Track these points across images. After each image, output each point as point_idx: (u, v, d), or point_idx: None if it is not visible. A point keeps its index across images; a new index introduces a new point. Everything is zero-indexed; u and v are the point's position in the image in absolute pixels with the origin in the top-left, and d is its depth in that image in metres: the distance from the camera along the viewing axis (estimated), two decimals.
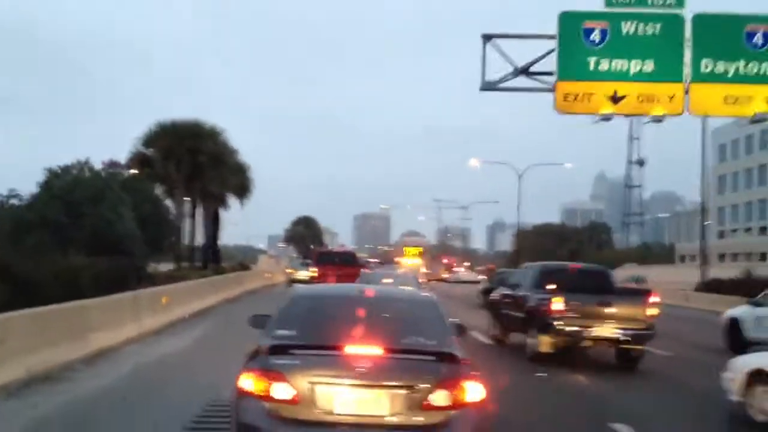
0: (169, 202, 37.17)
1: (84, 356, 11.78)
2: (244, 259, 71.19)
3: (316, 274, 31.83)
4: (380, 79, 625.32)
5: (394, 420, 5.29)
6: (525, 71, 23.78)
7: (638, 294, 15.22)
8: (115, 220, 20.95)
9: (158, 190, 36.98)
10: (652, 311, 13.64)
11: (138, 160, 35.78)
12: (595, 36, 22.35)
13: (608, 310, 13.38)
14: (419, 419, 5.29)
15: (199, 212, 42.16)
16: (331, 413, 5.27)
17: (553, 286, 13.76)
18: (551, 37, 22.59)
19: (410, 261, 68.77)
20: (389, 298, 7.23)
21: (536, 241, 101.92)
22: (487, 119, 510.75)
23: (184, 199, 38.39)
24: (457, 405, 5.35)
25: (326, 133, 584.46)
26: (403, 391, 5.30)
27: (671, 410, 10.35)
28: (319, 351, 5.58)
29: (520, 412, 8.91)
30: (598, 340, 13.47)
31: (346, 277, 25.10)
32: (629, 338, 13.28)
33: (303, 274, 40.22)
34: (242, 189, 43.75)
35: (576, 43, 22.35)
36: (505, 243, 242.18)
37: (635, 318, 13.42)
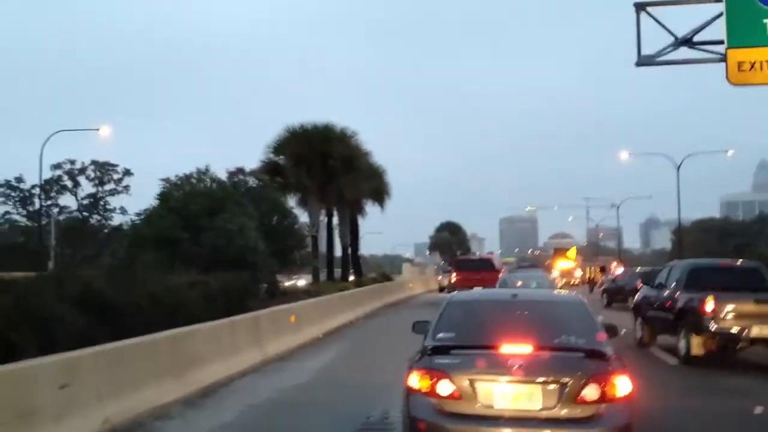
0: (303, 212, 35.61)
1: (182, 398, 9.57)
2: (389, 269, 69.38)
3: (454, 280, 33.55)
4: (518, 62, 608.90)
5: (549, 413, 5.58)
6: (688, 41, 20.88)
7: None
8: (235, 233, 19.11)
9: (292, 200, 35.53)
10: None
11: (269, 168, 34.36)
12: None
13: (766, 309, 12.64)
14: (572, 412, 5.58)
15: (336, 221, 40.42)
16: (491, 407, 5.65)
17: (703, 285, 13.47)
18: (717, 0, 19.58)
19: (563, 264, 64.17)
20: (538, 300, 7.63)
21: (697, 238, 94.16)
22: (634, 104, 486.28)
23: (320, 207, 36.63)
24: (607, 399, 5.63)
25: (464, 131, 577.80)
26: (556, 386, 5.62)
27: None
28: (477, 351, 5.99)
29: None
30: (757, 341, 12.69)
31: (483, 282, 25.99)
32: None
33: (445, 281, 43.09)
34: (378, 194, 41.40)
35: (748, 5, 19.47)
36: (661, 241, 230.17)
37: None
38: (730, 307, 12.71)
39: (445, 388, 5.73)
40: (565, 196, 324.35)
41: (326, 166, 34.41)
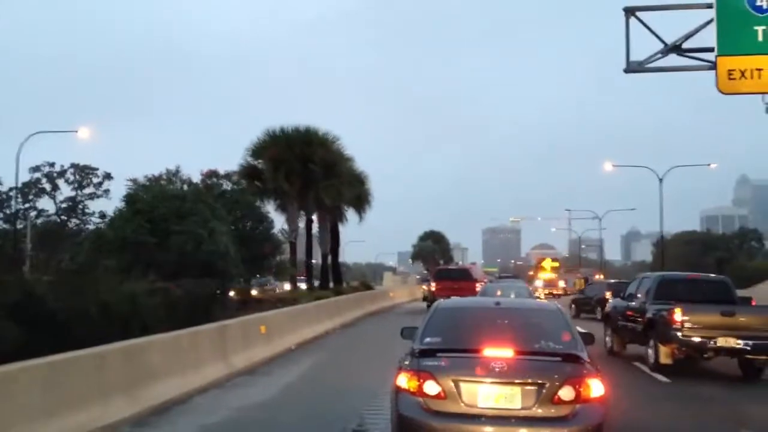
0: (282, 218, 34.68)
1: (131, 417, 8.67)
2: (371, 278, 68.53)
3: (434, 289, 34.50)
4: (505, 73, 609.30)
5: (528, 412, 6.03)
6: (677, 48, 20.86)
7: (760, 306, 15.20)
8: (204, 237, 18.11)
9: (271, 205, 34.53)
10: None
11: (247, 172, 33.37)
12: (763, 2, 19.15)
13: (732, 321, 13.09)
14: (549, 412, 6.03)
15: (315, 228, 39.47)
16: (474, 407, 6.09)
17: (671, 296, 14.05)
18: (707, 6, 19.56)
19: (545, 275, 64.87)
20: (519, 308, 8.19)
21: (678, 250, 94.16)
22: (620, 117, 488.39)
23: (300, 213, 35.64)
24: (581, 399, 6.08)
25: (450, 141, 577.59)
26: (535, 388, 6.08)
27: None
28: (462, 354, 6.48)
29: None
30: (722, 351, 13.10)
31: (461, 291, 27.90)
32: (755, 349, 12.86)
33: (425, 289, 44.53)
34: (359, 201, 40.50)
35: (739, 12, 19.24)
36: (641, 253, 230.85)
37: (761, 328, 12.99)
38: (697, 318, 13.18)
39: (431, 388, 6.14)
40: (549, 208, 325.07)
41: (306, 171, 33.37)
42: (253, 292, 25.56)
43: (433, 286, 35.66)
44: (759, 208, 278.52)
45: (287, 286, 38.97)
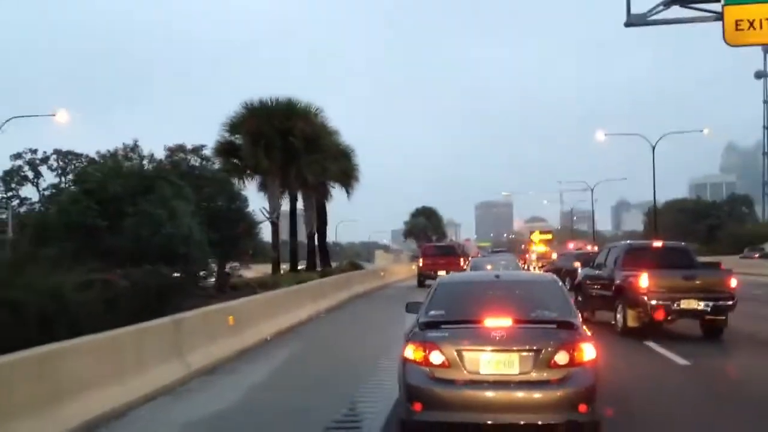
0: (263, 196, 32.82)
1: None
2: (363, 258, 66.99)
3: (421, 265, 36.94)
4: (498, 49, 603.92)
5: (526, 377, 6.41)
6: None
7: (719, 268, 16.00)
8: (164, 219, 16.13)
9: (251, 185, 32.57)
10: (733, 283, 14.42)
11: (224, 148, 31.36)
12: None
13: (693, 284, 14.16)
14: (546, 375, 6.41)
15: (300, 206, 37.62)
16: (476, 373, 6.44)
17: (638, 264, 14.77)
18: None
19: (538, 249, 64.62)
20: (517, 281, 8.76)
21: (670, 219, 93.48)
22: (610, 87, 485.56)
23: (281, 191, 33.64)
24: (575, 363, 6.46)
25: (443, 117, 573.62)
26: (532, 354, 6.46)
27: None
28: (464, 325, 6.84)
29: None
30: (685, 312, 14.05)
31: (447, 265, 31.40)
32: (714, 309, 13.93)
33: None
34: (346, 176, 38.47)
35: None
36: (632, 223, 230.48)
37: (718, 290, 14.13)
38: (661, 282, 14.13)
39: (436, 357, 6.48)
40: (540, 181, 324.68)
41: (288, 145, 31.35)
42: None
43: (420, 262, 37.79)
44: (746, 174, 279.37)
45: (267, 270, 37.34)
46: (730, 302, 14.12)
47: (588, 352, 6.50)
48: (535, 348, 6.41)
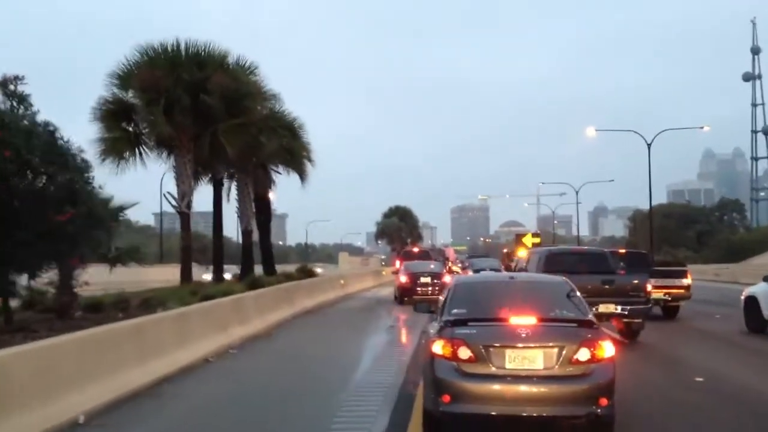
0: (173, 177, 23.96)
1: None
2: (328, 260, 58.71)
3: (404, 281, 31.09)
4: (477, 51, 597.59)
5: (549, 372, 6.71)
6: None
7: (638, 274, 16.39)
8: None
9: (157, 159, 23.72)
10: (649, 288, 15.57)
11: (111, 111, 22.42)
12: None
13: (611, 289, 15.03)
14: (568, 371, 6.71)
15: (234, 195, 28.91)
16: (502, 368, 6.73)
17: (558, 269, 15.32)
18: None
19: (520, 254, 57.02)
20: (531, 281, 9.44)
21: (655, 224, 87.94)
22: (592, 89, 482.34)
23: (194, 170, 24.49)
24: (595, 359, 6.77)
25: (423, 116, 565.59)
26: (555, 350, 6.76)
27: None
28: (488, 323, 7.13)
29: None
30: (603, 316, 14.33)
31: (434, 286, 27.95)
32: (631, 313, 14.88)
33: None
34: (293, 156, 29.28)
35: None
36: (610, 228, 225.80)
37: (635, 295, 15.11)
38: (580, 287, 12.86)
39: (463, 353, 6.81)
40: (517, 185, 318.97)
41: (200, 106, 22.69)
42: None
43: (401, 276, 28.99)
44: (723, 182, 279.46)
45: (227, 277, 28.70)
46: (647, 306, 15.48)
47: (608, 349, 6.87)
48: (558, 344, 6.76)
